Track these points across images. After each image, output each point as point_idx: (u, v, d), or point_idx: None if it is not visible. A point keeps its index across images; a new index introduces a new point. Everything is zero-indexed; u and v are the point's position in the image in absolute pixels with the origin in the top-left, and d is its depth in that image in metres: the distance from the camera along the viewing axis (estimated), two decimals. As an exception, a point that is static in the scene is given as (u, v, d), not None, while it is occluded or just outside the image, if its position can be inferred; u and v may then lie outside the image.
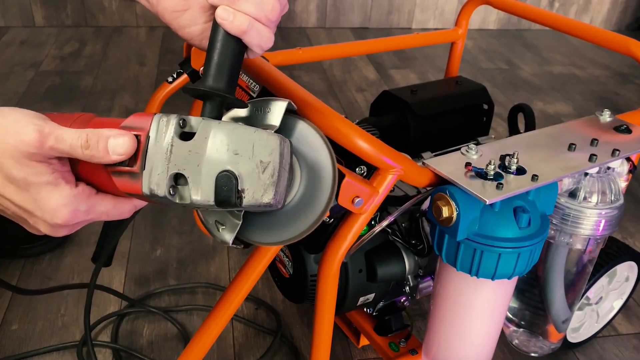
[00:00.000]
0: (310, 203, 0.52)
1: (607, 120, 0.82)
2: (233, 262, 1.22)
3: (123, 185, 0.46)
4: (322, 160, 0.52)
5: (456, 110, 0.97)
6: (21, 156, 0.45)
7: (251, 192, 0.45)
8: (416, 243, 0.79)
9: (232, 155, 0.44)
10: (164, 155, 0.44)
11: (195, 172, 0.44)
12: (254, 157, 0.45)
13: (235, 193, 0.44)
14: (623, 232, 1.39)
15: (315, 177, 0.52)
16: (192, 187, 0.44)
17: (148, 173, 0.44)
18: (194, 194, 0.44)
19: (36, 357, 0.98)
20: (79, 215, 0.48)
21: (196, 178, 0.44)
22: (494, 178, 0.66)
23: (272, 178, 0.45)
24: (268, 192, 0.45)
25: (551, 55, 2.55)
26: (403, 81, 2.17)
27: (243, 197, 0.45)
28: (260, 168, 0.45)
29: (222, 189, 0.44)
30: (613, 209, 0.77)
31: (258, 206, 0.46)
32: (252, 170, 0.45)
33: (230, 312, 0.69)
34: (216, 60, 0.50)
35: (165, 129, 0.45)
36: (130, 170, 0.45)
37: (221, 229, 0.50)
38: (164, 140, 0.45)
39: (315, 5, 2.64)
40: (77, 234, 1.26)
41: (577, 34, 0.98)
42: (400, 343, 0.90)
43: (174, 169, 0.44)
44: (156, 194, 0.45)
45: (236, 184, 0.44)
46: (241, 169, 0.45)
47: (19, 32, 2.39)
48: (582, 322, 1.02)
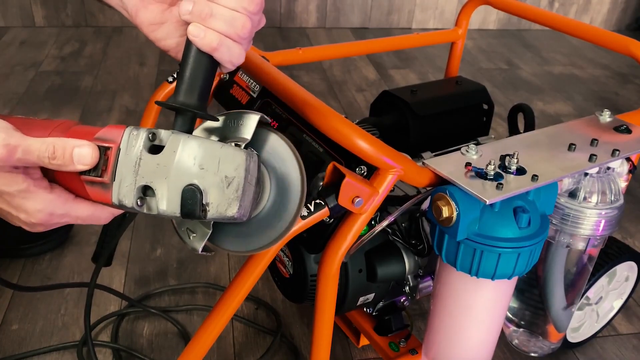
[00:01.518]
0: (279, 214, 0.53)
1: (607, 120, 0.82)
2: (233, 262, 1.22)
3: (95, 195, 0.48)
4: (291, 173, 0.54)
5: (456, 110, 0.97)
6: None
7: (215, 205, 0.47)
8: (416, 243, 0.79)
9: (198, 170, 0.46)
10: (132, 167, 0.46)
11: (162, 184, 0.46)
12: (219, 172, 0.46)
13: (199, 206, 0.46)
14: (623, 232, 1.39)
15: (284, 189, 0.54)
16: (159, 199, 0.46)
17: (117, 184, 0.46)
18: (160, 205, 0.46)
19: (36, 357, 0.98)
20: (54, 218, 0.49)
21: (163, 190, 0.46)
22: (494, 178, 0.66)
23: (236, 193, 0.47)
24: (232, 206, 0.47)
25: (551, 55, 2.55)
26: (403, 81, 2.17)
27: (207, 210, 0.46)
28: (225, 183, 0.47)
29: (188, 202, 0.46)
30: (613, 209, 0.77)
31: (223, 219, 0.47)
32: (216, 185, 0.46)
33: (230, 312, 0.69)
34: (187, 76, 0.51)
35: (134, 142, 0.46)
36: (101, 180, 0.47)
37: (192, 237, 0.52)
38: (132, 153, 0.46)
39: (315, 5, 2.64)
40: (77, 234, 1.26)
41: (577, 34, 0.98)
42: (400, 343, 0.90)
43: (142, 181, 0.46)
44: (124, 205, 0.46)
45: (200, 198, 0.46)
46: (206, 184, 0.46)
47: (19, 32, 2.39)
48: (582, 322, 1.02)
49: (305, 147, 0.77)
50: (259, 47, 0.98)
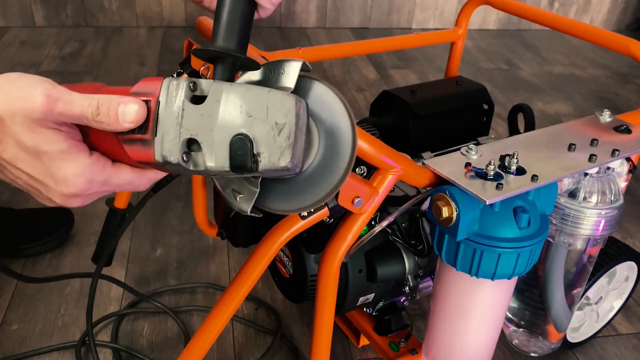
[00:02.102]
0: (329, 168, 0.49)
1: (607, 120, 0.82)
2: (233, 262, 1.22)
3: (135, 154, 0.44)
4: (341, 123, 0.50)
5: (456, 110, 0.97)
6: (31, 122, 0.42)
7: (267, 155, 0.43)
8: (416, 243, 0.79)
9: (246, 118, 0.43)
10: (175, 120, 0.42)
11: (208, 136, 0.42)
12: (268, 119, 0.43)
13: (250, 157, 0.42)
14: (623, 232, 1.39)
15: (333, 142, 0.50)
16: (206, 152, 0.43)
17: (160, 140, 0.42)
18: (208, 160, 0.43)
19: (36, 357, 0.98)
20: (94, 185, 0.46)
21: (210, 143, 0.42)
22: (493, 178, 0.66)
23: (288, 140, 0.43)
24: (285, 155, 0.43)
25: (551, 55, 2.55)
26: (403, 81, 2.17)
27: (259, 161, 0.43)
28: (276, 130, 0.43)
29: (237, 153, 0.42)
30: (613, 209, 0.77)
31: (275, 170, 0.44)
32: (267, 133, 0.43)
33: (230, 312, 0.69)
34: (225, 19, 0.48)
35: (175, 93, 0.43)
36: (142, 137, 0.43)
37: (239, 198, 0.48)
38: (174, 105, 0.43)
39: (315, 5, 2.64)
40: (77, 234, 1.26)
41: (577, 34, 0.98)
42: (400, 343, 0.90)
43: (187, 134, 0.42)
44: (169, 161, 0.43)
45: (251, 147, 0.42)
46: (256, 132, 0.43)
47: (19, 32, 2.39)
48: (582, 322, 1.02)
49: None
50: (259, 47, 0.99)
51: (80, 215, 1.29)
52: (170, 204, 1.38)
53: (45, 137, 0.43)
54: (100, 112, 0.43)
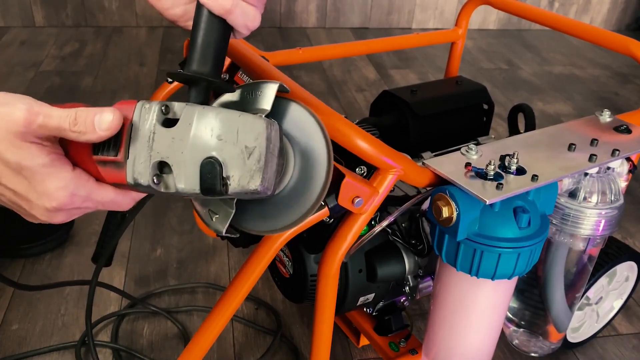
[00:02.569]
0: (305, 190, 0.50)
1: (607, 120, 0.82)
2: (233, 262, 1.22)
3: (109, 176, 0.45)
4: (316, 147, 0.50)
5: (456, 110, 0.97)
6: (13, 137, 0.43)
7: (237, 178, 0.43)
8: (416, 243, 0.79)
9: (217, 142, 0.43)
10: (146, 143, 0.43)
11: (179, 159, 0.43)
12: (238, 143, 0.43)
13: (220, 180, 0.43)
14: (623, 232, 1.39)
15: (308, 164, 0.50)
16: (176, 175, 0.43)
17: (132, 162, 0.43)
18: (178, 182, 0.43)
19: (36, 357, 0.98)
20: (76, 200, 0.46)
21: (180, 166, 0.43)
22: (494, 178, 0.66)
23: (258, 164, 0.43)
24: (255, 179, 0.43)
25: (551, 55, 2.55)
26: (403, 81, 2.17)
27: (229, 185, 0.43)
28: (246, 153, 0.43)
29: (207, 176, 0.43)
30: (613, 209, 0.77)
31: (245, 193, 0.44)
32: (237, 156, 0.43)
33: (230, 312, 0.69)
34: (200, 43, 0.48)
35: (147, 116, 0.44)
36: (115, 159, 0.44)
37: (215, 218, 0.49)
38: (145, 128, 0.43)
39: (315, 5, 2.64)
40: (77, 234, 1.26)
41: (577, 34, 0.98)
42: (400, 343, 0.90)
43: (157, 157, 0.43)
44: (140, 183, 0.43)
45: (220, 170, 0.43)
46: (225, 155, 0.43)
47: (19, 32, 2.39)
48: (582, 322, 1.02)
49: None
50: (259, 47, 0.98)
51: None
52: (170, 204, 1.38)
53: (27, 152, 0.44)
54: (77, 122, 0.44)
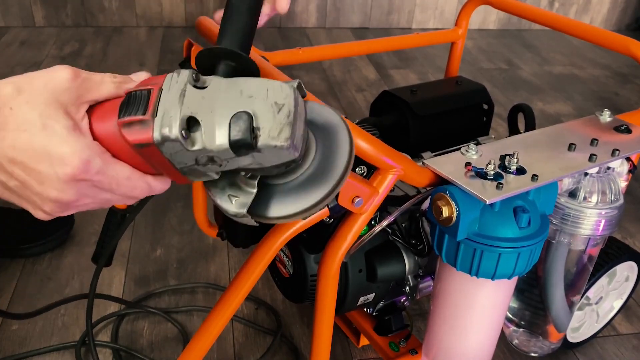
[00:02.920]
0: (328, 168, 0.50)
1: (607, 120, 0.82)
2: (233, 262, 1.22)
3: (133, 136, 0.43)
4: (337, 127, 0.51)
5: (456, 110, 0.97)
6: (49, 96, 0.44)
7: (267, 129, 0.43)
8: (416, 243, 0.79)
9: (247, 98, 0.44)
10: (176, 100, 0.43)
11: (209, 115, 0.43)
12: (268, 99, 0.44)
13: (250, 132, 0.42)
14: (623, 232, 1.39)
15: (331, 144, 0.50)
16: (205, 130, 0.43)
17: (160, 118, 0.43)
18: (206, 138, 0.43)
19: (36, 357, 0.98)
20: (90, 170, 0.44)
21: (210, 121, 0.43)
22: (493, 178, 0.66)
23: (287, 118, 0.43)
24: (284, 131, 0.43)
25: (551, 55, 2.55)
26: (403, 81, 2.17)
27: (258, 136, 0.43)
28: (276, 108, 0.43)
29: (237, 127, 0.42)
30: (613, 209, 0.77)
31: (274, 148, 0.43)
32: (267, 110, 0.43)
33: (230, 312, 0.69)
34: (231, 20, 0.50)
35: (178, 79, 0.44)
36: (142, 118, 0.43)
37: (235, 201, 0.48)
38: (176, 88, 0.44)
39: (316, 5, 2.64)
40: (77, 234, 1.26)
41: (577, 34, 0.98)
42: (400, 343, 0.90)
43: (187, 111, 0.43)
44: (167, 136, 0.42)
45: (251, 121, 0.43)
46: (256, 108, 0.43)
47: (19, 32, 2.39)
48: (582, 322, 1.02)
49: (305, 147, 0.77)
50: (259, 47, 0.98)
51: (80, 215, 1.29)
52: (170, 204, 1.38)
53: (55, 114, 0.44)
54: (116, 76, 0.47)
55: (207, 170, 0.45)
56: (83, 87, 0.45)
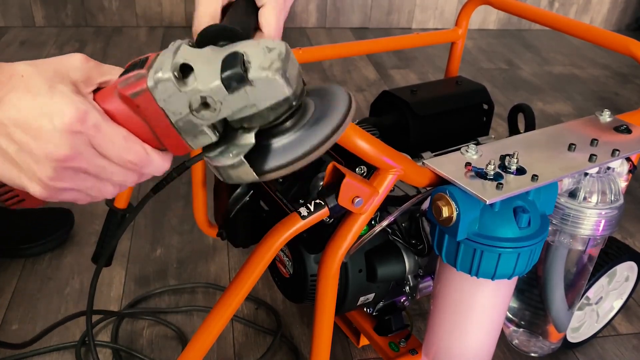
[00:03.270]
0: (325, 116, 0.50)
1: (607, 120, 0.82)
2: (233, 262, 1.22)
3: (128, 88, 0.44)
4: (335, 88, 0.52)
5: (456, 110, 0.97)
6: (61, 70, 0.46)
7: (257, 63, 0.44)
8: (416, 243, 0.79)
9: (238, 46, 0.45)
10: (171, 54, 0.45)
11: (202, 63, 0.44)
12: (259, 45, 0.45)
13: (241, 64, 0.43)
14: (623, 232, 1.39)
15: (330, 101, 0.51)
16: (198, 75, 0.44)
17: (154, 69, 0.44)
18: (199, 79, 0.44)
19: (36, 357, 0.98)
20: (87, 120, 0.44)
21: (203, 67, 0.44)
22: (493, 178, 0.66)
23: (279, 57, 0.44)
24: (275, 64, 0.44)
25: (551, 55, 2.55)
26: (403, 81, 2.17)
27: (249, 69, 0.44)
28: (267, 50, 0.45)
29: (227, 62, 0.43)
30: (613, 209, 0.77)
31: (266, 79, 0.44)
32: (258, 51, 0.45)
33: (230, 312, 0.69)
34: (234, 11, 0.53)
35: (174, 43, 0.46)
36: (139, 72, 0.44)
37: (233, 154, 0.48)
38: (172, 47, 0.45)
39: (315, 5, 2.64)
40: (77, 234, 1.26)
41: (577, 34, 0.98)
42: (400, 343, 0.90)
43: (181, 59, 0.44)
44: (159, 78, 0.43)
45: (242, 57, 0.44)
46: (247, 49, 0.44)
47: (19, 32, 2.39)
48: (582, 322, 1.02)
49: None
50: (259, 47, 0.98)
51: (80, 215, 1.29)
52: (170, 204, 1.38)
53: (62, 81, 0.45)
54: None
55: (202, 120, 0.45)
56: (94, 70, 0.47)
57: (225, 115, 0.45)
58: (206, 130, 0.46)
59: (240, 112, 0.45)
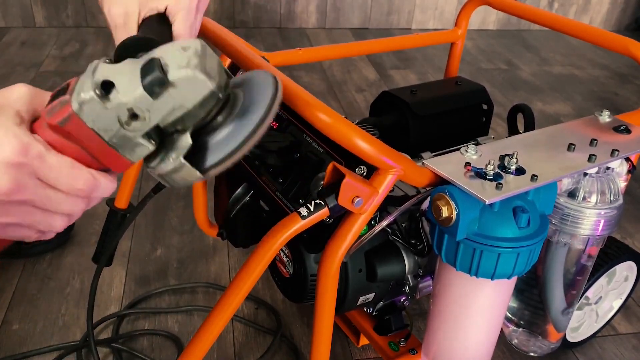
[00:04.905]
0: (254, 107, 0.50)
1: (606, 120, 0.82)
2: (233, 262, 1.22)
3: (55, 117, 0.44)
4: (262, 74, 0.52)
5: (456, 110, 0.97)
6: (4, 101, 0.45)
7: (175, 63, 0.44)
8: (416, 243, 0.79)
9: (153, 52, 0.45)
10: (90, 74, 0.44)
11: (121, 76, 0.44)
12: (174, 46, 0.45)
13: (159, 68, 0.44)
14: (622, 232, 1.39)
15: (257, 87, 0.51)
16: (119, 88, 0.44)
17: (77, 92, 0.44)
18: (122, 92, 0.44)
19: (36, 357, 0.98)
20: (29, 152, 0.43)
21: (123, 80, 0.44)
22: (493, 178, 0.66)
23: (195, 54, 0.45)
24: (192, 60, 0.44)
25: (551, 55, 2.55)
26: (403, 81, 2.17)
27: (168, 71, 0.44)
28: (182, 50, 0.45)
29: (146, 71, 0.44)
30: (612, 209, 0.77)
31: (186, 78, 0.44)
32: (173, 51, 0.45)
33: (230, 312, 0.69)
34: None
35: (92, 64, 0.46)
36: (61, 99, 0.44)
37: (172, 158, 0.48)
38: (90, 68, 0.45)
39: (315, 5, 2.64)
40: (77, 234, 1.26)
41: (576, 34, 0.98)
42: (400, 342, 0.90)
43: (100, 77, 0.44)
44: (83, 99, 0.43)
45: (159, 62, 0.44)
46: (162, 53, 0.45)
47: (20, 33, 2.39)
48: (581, 321, 1.02)
49: (305, 147, 0.77)
50: (259, 48, 0.99)
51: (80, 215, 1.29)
52: (170, 204, 1.39)
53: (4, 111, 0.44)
54: None
55: (135, 131, 0.45)
56: (37, 99, 0.46)
57: (157, 122, 0.45)
58: (141, 141, 0.46)
59: (170, 116, 0.45)
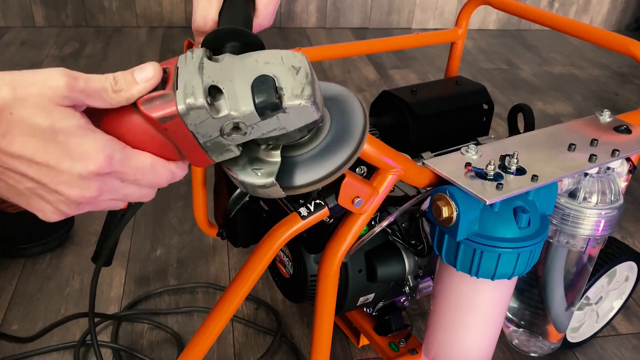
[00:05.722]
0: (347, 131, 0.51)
1: (606, 120, 0.82)
2: (233, 262, 1.22)
3: (155, 110, 0.43)
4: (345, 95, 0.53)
5: (456, 110, 0.97)
6: (48, 102, 0.41)
7: (289, 89, 0.44)
8: (416, 243, 0.79)
9: (263, 65, 0.45)
10: (196, 71, 0.43)
11: (230, 84, 0.43)
12: (284, 64, 0.45)
13: (274, 92, 0.43)
14: (623, 232, 1.39)
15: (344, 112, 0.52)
16: (228, 97, 0.43)
17: (182, 88, 0.43)
18: (231, 104, 0.43)
19: (36, 357, 0.98)
20: (114, 164, 0.43)
21: (232, 89, 0.43)
22: (493, 178, 0.66)
23: (307, 78, 0.44)
24: (306, 89, 0.44)
25: (551, 55, 2.55)
26: (403, 81, 2.17)
27: (282, 96, 0.44)
28: (294, 71, 0.45)
29: (260, 89, 0.43)
30: (613, 209, 0.77)
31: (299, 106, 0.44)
32: (286, 72, 0.44)
33: (230, 312, 0.69)
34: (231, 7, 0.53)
35: (192, 55, 0.45)
36: (162, 93, 0.43)
37: (260, 173, 0.48)
38: (192, 62, 0.44)
39: (315, 5, 2.64)
40: (77, 233, 1.26)
41: (576, 34, 0.98)
42: (400, 343, 0.90)
43: (209, 80, 0.43)
44: (193, 105, 0.42)
45: (274, 82, 0.44)
46: (275, 71, 0.44)
47: (20, 32, 2.39)
48: (581, 322, 1.02)
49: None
50: (259, 47, 0.98)
51: (80, 215, 1.29)
52: (170, 204, 1.39)
53: (61, 114, 0.41)
54: (117, 81, 0.43)
55: (231, 141, 0.45)
56: (81, 97, 0.43)
57: (254, 137, 0.46)
58: (232, 148, 0.46)
59: (269, 134, 0.46)
